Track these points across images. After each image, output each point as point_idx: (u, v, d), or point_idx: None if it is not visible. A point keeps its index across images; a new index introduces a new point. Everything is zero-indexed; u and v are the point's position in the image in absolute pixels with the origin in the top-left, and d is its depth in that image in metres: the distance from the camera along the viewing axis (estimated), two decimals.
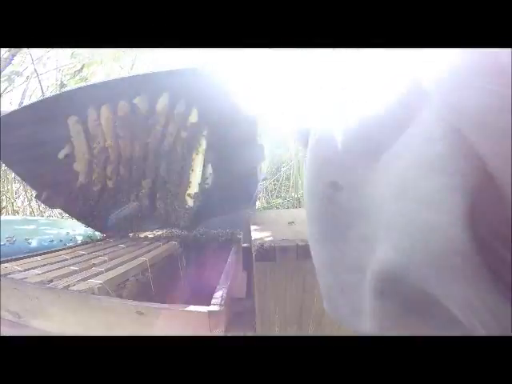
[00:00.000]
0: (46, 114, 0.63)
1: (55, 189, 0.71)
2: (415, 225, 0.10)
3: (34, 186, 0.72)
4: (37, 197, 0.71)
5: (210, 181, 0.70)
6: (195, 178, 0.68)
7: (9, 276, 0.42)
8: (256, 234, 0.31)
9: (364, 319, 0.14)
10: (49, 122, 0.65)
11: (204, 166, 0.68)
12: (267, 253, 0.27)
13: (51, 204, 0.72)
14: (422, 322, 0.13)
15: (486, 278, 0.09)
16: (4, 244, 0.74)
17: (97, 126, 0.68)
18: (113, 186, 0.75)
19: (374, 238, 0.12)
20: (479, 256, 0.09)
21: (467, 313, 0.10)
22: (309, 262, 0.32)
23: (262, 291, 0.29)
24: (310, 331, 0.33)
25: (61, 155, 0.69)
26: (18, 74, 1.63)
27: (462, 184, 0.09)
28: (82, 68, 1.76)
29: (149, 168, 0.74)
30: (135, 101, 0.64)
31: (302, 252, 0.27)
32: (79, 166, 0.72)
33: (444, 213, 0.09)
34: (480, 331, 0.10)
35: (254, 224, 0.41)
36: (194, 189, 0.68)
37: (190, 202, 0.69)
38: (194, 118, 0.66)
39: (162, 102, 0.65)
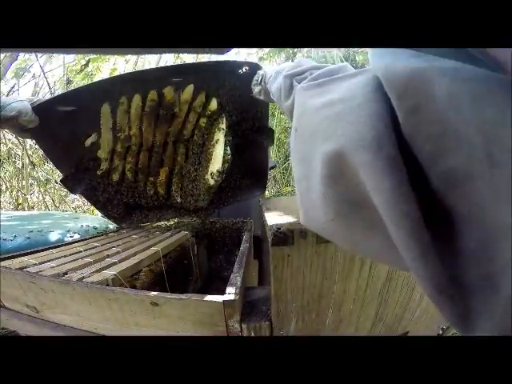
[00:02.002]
0: (80, 102, 0.66)
1: (78, 175, 0.75)
2: (344, 123, 0.15)
3: (60, 170, 0.75)
4: (61, 181, 0.74)
5: (229, 160, 0.73)
6: (218, 153, 0.71)
7: (25, 270, 0.42)
8: (271, 219, 0.30)
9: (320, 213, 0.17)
10: (81, 110, 0.67)
11: (225, 144, 0.71)
12: (285, 237, 0.25)
13: (73, 189, 0.76)
14: (357, 217, 0.15)
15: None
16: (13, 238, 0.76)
17: (125, 114, 0.71)
18: (131, 175, 0.78)
19: (320, 145, 0.17)
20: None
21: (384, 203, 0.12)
22: (329, 246, 0.30)
23: (279, 278, 0.28)
24: (329, 320, 0.31)
25: (88, 143, 0.72)
26: (25, 70, 1.63)
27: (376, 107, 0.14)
28: (87, 63, 1.75)
29: (167, 156, 0.78)
30: (164, 90, 0.68)
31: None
32: (102, 154, 0.74)
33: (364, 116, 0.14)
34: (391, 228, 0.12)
35: (267, 210, 0.39)
36: (217, 165, 0.71)
37: (211, 181, 0.72)
38: (213, 106, 0.71)
39: (187, 92, 0.70)
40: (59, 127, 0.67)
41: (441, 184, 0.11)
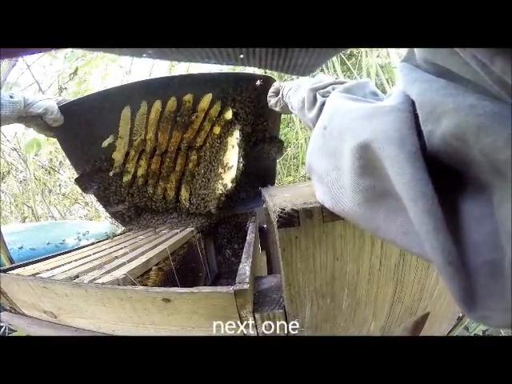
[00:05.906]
0: (104, 104, 0.67)
1: (92, 175, 0.76)
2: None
3: (77, 170, 0.77)
4: (76, 180, 0.76)
5: (242, 169, 0.74)
6: (232, 162, 0.71)
7: (37, 275, 0.43)
8: (275, 202, 0.29)
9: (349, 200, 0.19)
10: (104, 112, 0.68)
11: (238, 153, 0.72)
12: (290, 217, 0.25)
13: (86, 189, 0.77)
14: (388, 206, 0.17)
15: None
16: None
17: (144, 118, 0.71)
18: (142, 178, 0.79)
19: (350, 140, 0.19)
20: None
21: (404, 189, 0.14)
22: (337, 225, 0.29)
23: (289, 262, 0.27)
24: (345, 303, 0.31)
25: (105, 144, 0.73)
26: (17, 84, 1.63)
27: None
28: (76, 70, 1.74)
29: (179, 162, 0.79)
30: (184, 98, 0.69)
31: (328, 214, 0.24)
32: (117, 156, 0.75)
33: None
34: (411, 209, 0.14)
35: (269, 196, 0.39)
36: (231, 174, 0.71)
37: (222, 190, 0.72)
38: (228, 115, 0.72)
39: (205, 101, 0.70)
40: (81, 127, 0.68)
41: (472, 186, 0.14)
